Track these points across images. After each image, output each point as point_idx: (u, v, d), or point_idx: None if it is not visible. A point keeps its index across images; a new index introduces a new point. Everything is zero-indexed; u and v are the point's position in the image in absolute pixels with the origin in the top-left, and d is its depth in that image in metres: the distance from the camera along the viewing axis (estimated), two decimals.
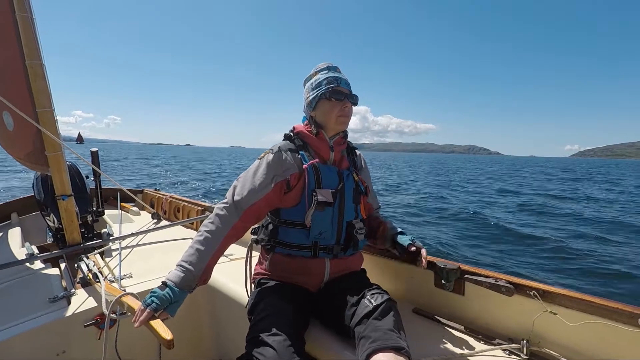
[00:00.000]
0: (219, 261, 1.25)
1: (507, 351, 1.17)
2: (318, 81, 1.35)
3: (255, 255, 1.52)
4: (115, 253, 2.06)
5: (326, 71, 1.37)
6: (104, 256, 2.06)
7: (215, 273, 1.24)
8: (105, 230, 2.28)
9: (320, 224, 1.28)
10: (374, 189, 1.59)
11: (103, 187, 2.93)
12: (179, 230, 2.68)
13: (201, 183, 17.55)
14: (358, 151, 1.53)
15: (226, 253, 1.29)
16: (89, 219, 2.32)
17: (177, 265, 1.15)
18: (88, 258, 1.81)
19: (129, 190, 3.18)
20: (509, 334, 1.26)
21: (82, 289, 1.59)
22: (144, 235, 2.44)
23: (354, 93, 1.37)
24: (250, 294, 1.44)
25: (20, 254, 2.08)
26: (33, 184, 2.48)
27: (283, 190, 1.29)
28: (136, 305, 1.10)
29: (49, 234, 2.48)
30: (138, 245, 2.30)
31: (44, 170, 1.97)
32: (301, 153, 1.33)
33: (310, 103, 1.36)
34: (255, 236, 1.43)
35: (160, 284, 1.11)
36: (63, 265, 1.87)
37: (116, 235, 2.26)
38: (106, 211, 2.96)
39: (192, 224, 2.75)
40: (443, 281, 1.38)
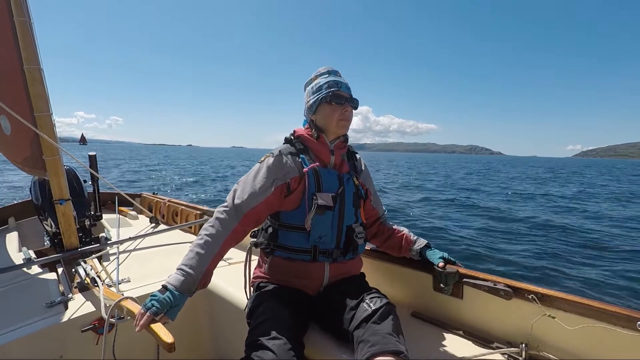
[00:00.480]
0: (218, 265, 1.25)
1: (506, 355, 1.17)
2: (318, 85, 1.35)
3: (255, 258, 1.52)
4: (113, 257, 2.05)
5: (326, 75, 1.38)
6: (102, 260, 2.05)
7: (214, 277, 1.24)
8: (103, 234, 2.27)
9: (320, 227, 1.28)
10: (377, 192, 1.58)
11: (101, 191, 2.92)
12: (177, 235, 2.67)
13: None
14: (358, 155, 1.53)
15: (225, 257, 1.29)
16: (87, 223, 2.31)
17: (177, 269, 1.15)
18: (86, 262, 1.80)
19: (127, 194, 3.17)
20: (507, 337, 1.26)
21: (80, 294, 1.59)
22: (142, 239, 2.43)
23: (354, 97, 1.38)
24: (249, 297, 1.43)
25: (18, 258, 2.07)
26: (30, 188, 2.47)
27: (283, 194, 1.29)
28: (136, 309, 1.09)
29: (47, 238, 2.47)
30: (136, 249, 2.29)
31: (42, 175, 1.96)
32: (301, 157, 1.33)
33: (310, 107, 1.37)
34: (255, 239, 1.43)
35: (160, 287, 1.11)
36: (60, 270, 1.86)
37: (114, 239, 2.25)
38: (104, 215, 2.95)
39: (191, 228, 2.75)
40: (442, 285, 1.38)
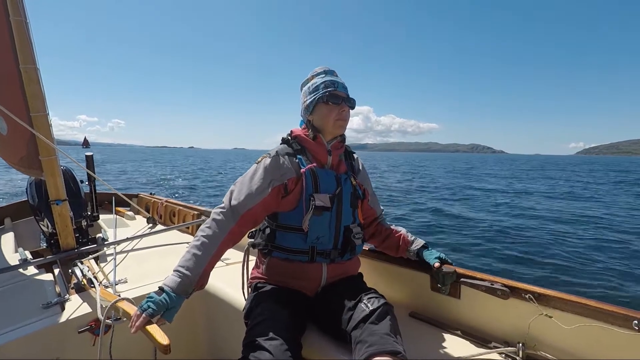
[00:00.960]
0: (215, 265, 1.25)
1: (503, 354, 1.17)
2: (315, 85, 1.35)
3: (252, 259, 1.51)
4: (110, 258, 2.04)
5: (323, 75, 1.38)
6: (99, 261, 2.04)
7: (211, 277, 1.24)
8: (99, 235, 2.26)
9: (318, 228, 1.28)
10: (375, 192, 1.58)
11: (98, 192, 2.91)
12: (174, 235, 2.67)
13: None
14: (356, 154, 1.53)
15: (222, 257, 1.29)
16: (84, 223, 2.30)
17: (174, 270, 1.15)
18: (82, 263, 1.79)
19: (124, 194, 3.16)
20: (504, 337, 1.26)
21: (76, 295, 1.58)
22: (139, 240, 2.42)
23: (351, 97, 1.37)
24: (246, 298, 1.43)
25: (14, 259, 2.05)
26: (27, 188, 2.45)
27: (281, 195, 1.29)
28: (132, 310, 1.09)
29: (43, 239, 2.46)
30: (133, 250, 2.28)
31: (38, 175, 1.95)
32: (299, 157, 1.33)
33: (307, 107, 1.37)
34: (252, 240, 1.43)
35: (157, 289, 1.11)
36: (57, 271, 1.85)
37: (111, 240, 2.24)
38: (101, 216, 2.94)
39: (188, 228, 2.74)
40: (439, 285, 1.39)
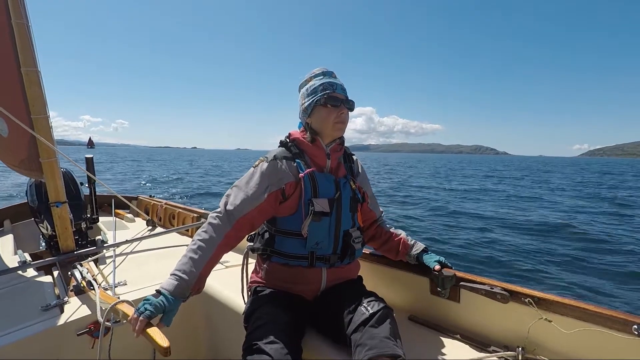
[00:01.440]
0: (215, 268, 1.24)
1: (503, 358, 1.17)
2: (313, 87, 1.33)
3: (252, 262, 1.51)
4: (110, 260, 2.04)
5: (321, 77, 1.35)
6: (98, 264, 2.04)
7: (211, 280, 1.23)
8: (99, 237, 2.26)
9: (317, 234, 1.27)
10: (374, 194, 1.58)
11: (97, 194, 2.91)
12: (174, 237, 2.67)
13: None
14: (355, 156, 1.52)
15: (222, 260, 1.29)
16: (83, 226, 2.30)
17: (171, 274, 1.15)
18: (82, 266, 1.79)
19: (123, 196, 3.16)
20: (504, 341, 1.26)
21: (76, 297, 1.58)
22: (138, 242, 2.42)
23: (350, 98, 1.36)
24: (246, 301, 1.43)
25: (13, 261, 2.05)
26: (26, 190, 2.45)
27: (278, 200, 1.28)
28: (131, 312, 1.09)
29: (43, 241, 2.46)
30: (132, 252, 2.28)
31: (38, 177, 1.95)
32: (297, 161, 1.31)
33: (305, 109, 1.35)
34: (252, 244, 1.43)
35: (154, 292, 1.11)
36: (56, 273, 1.85)
37: (110, 242, 2.24)
38: (100, 218, 2.94)
39: (188, 230, 2.74)
40: (439, 288, 1.39)
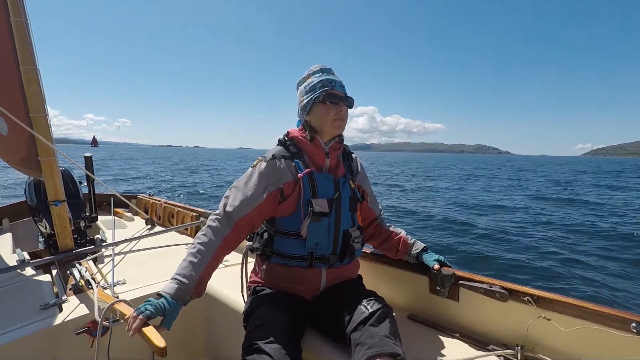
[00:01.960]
0: (213, 272, 1.23)
1: (502, 357, 1.17)
2: (312, 84, 1.31)
3: (251, 261, 1.51)
4: (109, 259, 2.03)
5: (320, 74, 1.33)
6: (97, 262, 2.03)
7: (210, 279, 1.23)
8: (98, 236, 2.25)
9: (316, 234, 1.26)
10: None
11: (96, 193, 2.90)
12: (173, 236, 2.66)
13: None
14: (354, 155, 1.51)
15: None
16: (82, 224, 2.29)
17: (172, 278, 1.15)
18: (80, 264, 1.79)
19: (122, 195, 3.16)
20: (503, 339, 1.26)
21: (74, 296, 1.57)
22: (137, 241, 2.42)
23: (349, 95, 1.34)
24: (246, 301, 1.43)
25: (11, 260, 2.05)
26: (25, 189, 2.45)
27: (277, 200, 1.27)
28: (129, 312, 1.08)
29: (41, 239, 2.45)
30: (132, 251, 2.27)
31: (37, 175, 1.95)
32: (296, 161, 1.30)
33: (304, 107, 1.33)
34: (251, 243, 1.42)
35: (156, 295, 1.11)
36: (55, 272, 1.84)
37: (109, 241, 2.24)
38: (99, 217, 2.93)
39: (187, 229, 2.73)
40: (438, 287, 1.39)
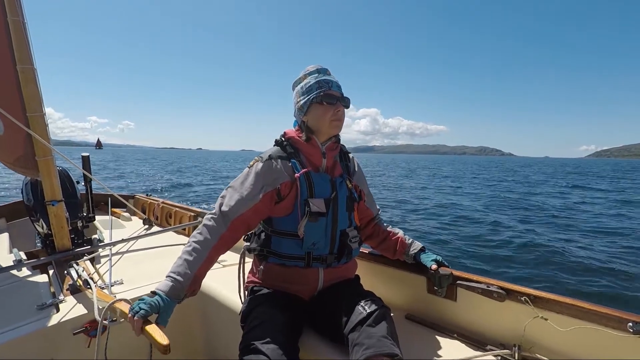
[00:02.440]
0: (208, 271, 1.23)
1: (499, 357, 1.18)
2: (308, 85, 1.31)
3: (249, 261, 1.51)
4: (106, 259, 2.03)
5: (316, 74, 1.33)
6: (94, 262, 2.03)
7: (208, 279, 1.23)
8: (95, 236, 2.24)
9: (314, 234, 1.26)
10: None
11: (94, 193, 2.90)
12: (170, 236, 2.66)
13: None
14: (351, 155, 1.51)
15: (219, 259, 1.29)
16: (79, 224, 2.28)
17: (166, 276, 1.14)
18: (78, 264, 1.78)
19: (120, 195, 3.15)
20: (500, 339, 1.27)
21: (71, 296, 1.57)
22: (134, 241, 2.41)
23: (345, 95, 1.34)
24: (243, 301, 1.43)
25: (8, 260, 2.04)
26: (22, 188, 2.44)
27: (273, 201, 1.27)
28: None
29: (38, 239, 2.45)
30: (129, 251, 2.27)
31: (34, 175, 1.94)
32: (292, 161, 1.30)
33: (301, 108, 1.33)
34: (248, 244, 1.42)
35: (150, 292, 1.10)
36: (52, 272, 1.84)
37: (107, 241, 2.23)
38: (97, 217, 2.93)
39: (184, 229, 2.73)
40: (436, 287, 1.39)
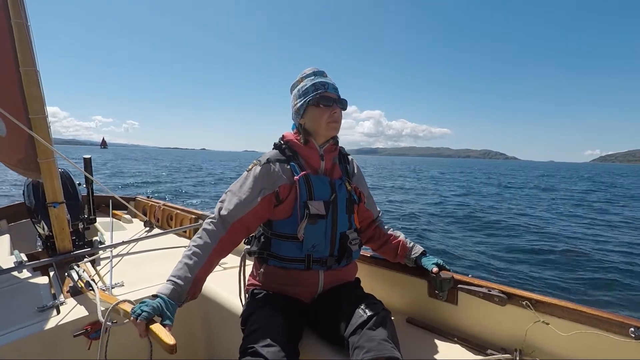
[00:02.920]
0: (208, 274, 1.23)
1: None
2: (305, 88, 1.32)
3: (249, 264, 1.51)
4: (107, 261, 2.03)
5: (312, 77, 1.34)
6: (95, 264, 2.03)
7: (209, 282, 1.23)
8: (96, 238, 2.25)
9: (313, 237, 1.26)
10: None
11: (95, 194, 2.90)
12: (171, 239, 2.66)
13: None
14: (350, 157, 1.51)
15: (220, 262, 1.29)
16: (80, 226, 2.29)
17: (167, 280, 1.14)
18: (79, 266, 1.78)
19: (121, 197, 3.15)
20: (501, 343, 1.26)
21: (72, 298, 1.56)
22: (135, 243, 2.41)
23: (342, 97, 1.35)
24: (244, 304, 1.42)
25: (9, 262, 2.04)
26: (23, 190, 2.44)
27: (272, 204, 1.28)
28: None
29: (39, 241, 2.45)
30: (130, 253, 2.27)
31: (36, 177, 1.95)
32: (291, 164, 1.30)
33: (298, 110, 1.34)
34: (248, 247, 1.42)
35: (151, 296, 1.10)
36: (53, 274, 1.84)
37: (108, 243, 2.24)
38: (98, 219, 2.93)
39: (185, 232, 2.73)
40: (437, 291, 1.39)
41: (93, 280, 1.56)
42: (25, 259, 1.97)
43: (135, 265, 2.07)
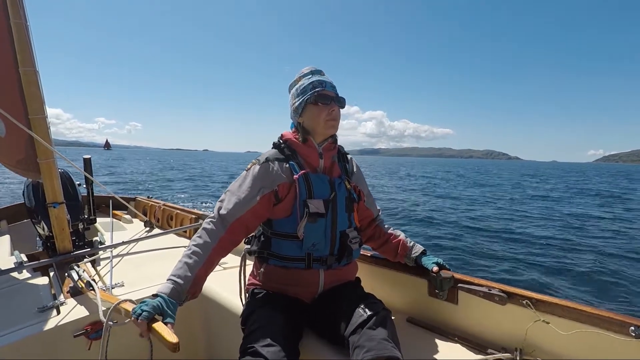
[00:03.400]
0: (209, 274, 1.23)
1: None
2: (303, 86, 1.32)
3: (249, 263, 1.51)
4: (107, 262, 2.03)
5: (310, 76, 1.35)
6: (95, 265, 2.03)
7: (209, 281, 1.23)
8: (96, 238, 2.25)
9: (313, 235, 1.26)
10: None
11: (95, 195, 2.90)
12: (171, 239, 2.66)
13: None
14: (349, 155, 1.51)
15: (220, 261, 1.28)
16: (80, 227, 2.29)
17: (167, 279, 1.14)
18: (79, 267, 1.78)
19: (121, 197, 3.16)
20: (502, 343, 1.26)
21: (72, 298, 1.57)
22: (135, 243, 2.41)
23: (340, 95, 1.35)
24: (244, 303, 1.42)
25: (9, 262, 2.04)
26: (23, 191, 2.44)
27: (272, 202, 1.28)
28: None
29: (39, 242, 2.45)
30: (130, 253, 2.27)
31: (36, 177, 1.95)
32: (290, 163, 1.30)
33: (296, 109, 1.34)
34: (249, 246, 1.42)
35: (151, 295, 1.10)
36: (53, 274, 1.84)
37: (108, 243, 2.23)
38: (98, 219, 2.93)
39: (185, 232, 2.73)
40: (437, 290, 1.39)
41: (93, 280, 1.56)
42: (25, 259, 1.97)
43: (136, 265, 2.07)
